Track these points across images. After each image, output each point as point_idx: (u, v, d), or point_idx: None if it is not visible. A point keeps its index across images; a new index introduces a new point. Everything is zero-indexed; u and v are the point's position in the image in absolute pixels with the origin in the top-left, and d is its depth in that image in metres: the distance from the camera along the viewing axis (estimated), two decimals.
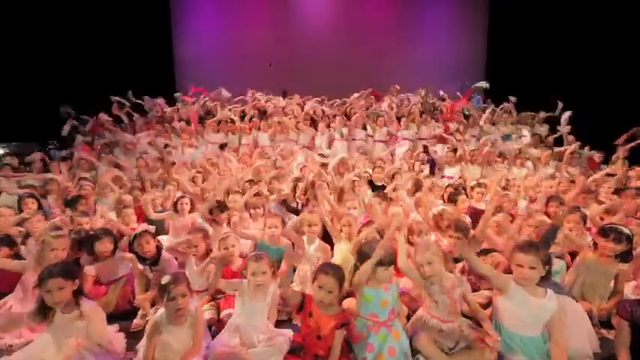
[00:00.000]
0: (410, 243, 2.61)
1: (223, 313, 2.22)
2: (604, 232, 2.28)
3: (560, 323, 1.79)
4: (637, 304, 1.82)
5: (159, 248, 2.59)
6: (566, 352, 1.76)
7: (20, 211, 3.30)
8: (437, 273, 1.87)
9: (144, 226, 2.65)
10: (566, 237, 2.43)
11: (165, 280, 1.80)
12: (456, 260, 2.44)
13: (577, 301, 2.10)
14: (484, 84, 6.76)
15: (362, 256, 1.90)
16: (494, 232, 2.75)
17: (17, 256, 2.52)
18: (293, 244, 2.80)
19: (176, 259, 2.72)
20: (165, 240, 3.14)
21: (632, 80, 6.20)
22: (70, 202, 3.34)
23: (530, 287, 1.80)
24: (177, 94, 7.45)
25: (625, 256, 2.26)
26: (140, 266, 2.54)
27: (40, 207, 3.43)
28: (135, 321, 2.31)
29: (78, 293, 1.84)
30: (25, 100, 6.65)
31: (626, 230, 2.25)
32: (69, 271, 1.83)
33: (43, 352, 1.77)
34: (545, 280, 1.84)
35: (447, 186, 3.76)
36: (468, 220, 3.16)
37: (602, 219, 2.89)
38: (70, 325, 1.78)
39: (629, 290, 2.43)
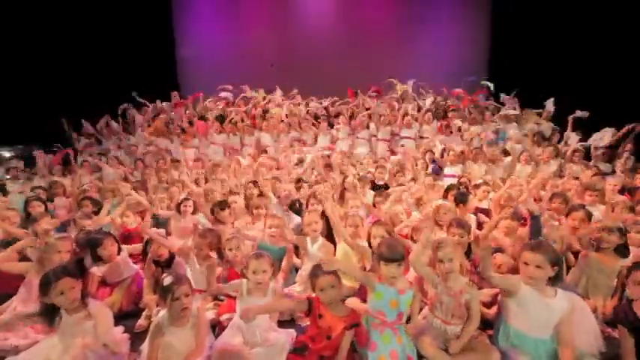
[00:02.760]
0: (413, 241, 2.61)
1: (223, 317, 2.22)
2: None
3: (569, 324, 1.76)
4: (628, 307, 1.80)
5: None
6: (574, 353, 1.74)
7: (26, 213, 3.33)
8: (454, 270, 1.88)
9: (155, 230, 2.67)
10: (564, 237, 2.40)
11: (167, 280, 1.80)
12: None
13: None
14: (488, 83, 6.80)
15: (381, 257, 1.82)
16: (503, 233, 2.73)
17: (25, 258, 2.54)
18: (296, 246, 2.80)
19: None
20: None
21: (634, 79, 6.14)
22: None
23: (540, 288, 1.77)
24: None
25: (623, 251, 2.27)
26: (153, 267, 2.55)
27: (46, 209, 3.46)
28: (139, 322, 2.32)
29: (84, 293, 1.85)
30: (29, 103, 6.70)
31: (617, 223, 2.29)
32: (73, 270, 1.85)
33: (50, 353, 1.77)
34: (557, 281, 1.82)
35: (449, 186, 3.70)
36: (473, 219, 3.15)
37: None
38: (78, 326, 1.79)
39: None
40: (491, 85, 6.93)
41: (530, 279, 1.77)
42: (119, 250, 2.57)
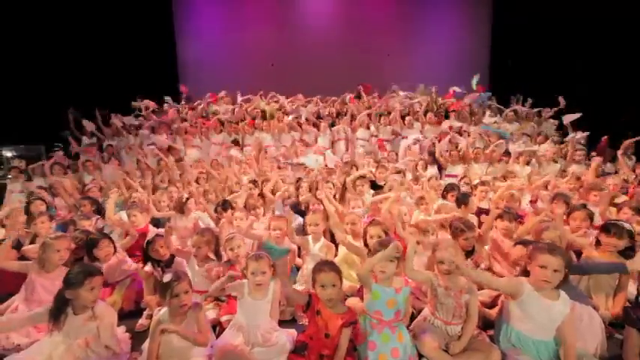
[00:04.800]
0: (416, 242, 2.60)
1: (223, 319, 2.23)
2: (605, 228, 2.29)
3: (572, 325, 1.75)
4: None
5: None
6: (575, 355, 1.73)
7: (28, 213, 3.34)
8: (453, 271, 1.87)
9: (155, 230, 2.67)
10: (562, 237, 2.38)
11: (167, 278, 1.82)
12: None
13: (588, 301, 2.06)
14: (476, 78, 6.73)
15: (375, 252, 1.86)
16: (502, 234, 2.72)
17: (23, 257, 2.55)
18: (298, 246, 2.80)
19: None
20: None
21: (636, 79, 6.12)
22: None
23: (545, 290, 1.74)
24: (167, 98, 7.38)
25: (628, 253, 2.24)
26: (149, 268, 2.56)
27: (47, 209, 3.48)
28: (140, 321, 2.33)
29: None
30: (31, 103, 6.72)
31: (627, 225, 2.25)
32: (101, 269, 1.94)
33: (52, 351, 1.77)
34: (564, 284, 1.78)
35: (447, 186, 3.67)
36: (474, 219, 3.14)
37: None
38: (83, 326, 1.79)
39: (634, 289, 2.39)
40: (477, 77, 6.83)
41: (545, 282, 1.71)
42: (115, 250, 2.57)
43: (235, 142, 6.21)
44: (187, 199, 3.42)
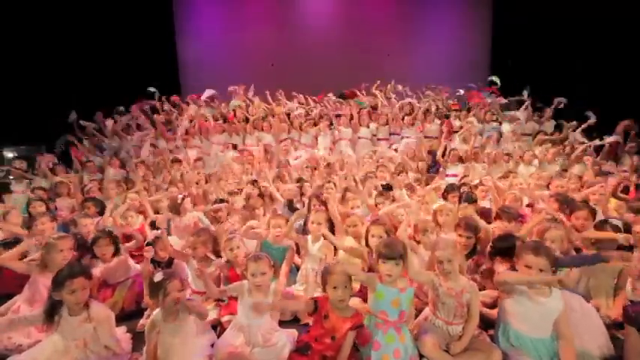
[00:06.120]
0: (416, 241, 2.61)
1: (224, 319, 2.23)
2: (594, 226, 2.33)
3: (567, 322, 1.76)
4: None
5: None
6: (574, 350, 1.74)
7: (29, 213, 3.35)
8: (454, 271, 1.87)
9: (156, 232, 2.67)
10: (565, 236, 2.37)
11: (158, 277, 1.79)
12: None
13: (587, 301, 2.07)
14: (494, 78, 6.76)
15: (380, 255, 1.84)
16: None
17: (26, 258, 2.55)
18: (297, 245, 2.80)
19: None
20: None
21: (636, 79, 6.11)
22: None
23: (534, 289, 1.77)
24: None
25: (627, 251, 2.25)
26: (151, 267, 2.56)
27: (47, 209, 3.48)
28: (141, 321, 2.33)
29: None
30: (32, 103, 6.73)
31: (615, 222, 2.26)
32: (87, 270, 1.89)
33: (52, 352, 1.78)
34: None
35: (448, 186, 3.66)
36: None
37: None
38: (78, 328, 1.80)
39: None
40: (498, 80, 6.87)
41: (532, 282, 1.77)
42: (117, 250, 2.57)
43: (233, 147, 6.20)
44: (183, 199, 3.41)
